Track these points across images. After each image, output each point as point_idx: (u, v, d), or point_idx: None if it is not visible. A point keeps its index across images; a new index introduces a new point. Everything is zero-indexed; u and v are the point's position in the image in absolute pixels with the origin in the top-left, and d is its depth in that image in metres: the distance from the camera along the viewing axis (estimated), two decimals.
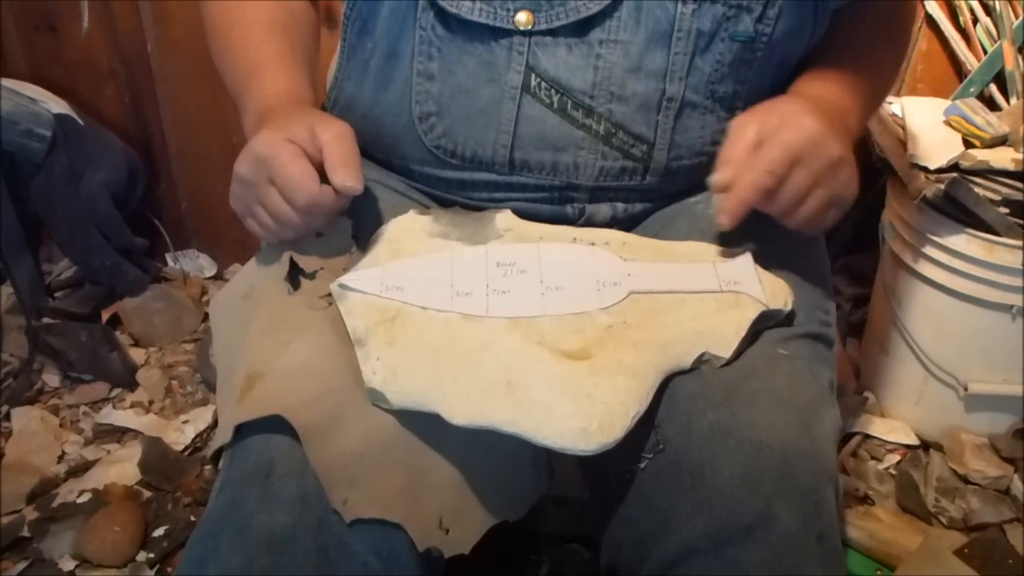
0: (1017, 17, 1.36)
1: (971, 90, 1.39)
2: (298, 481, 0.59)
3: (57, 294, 1.61)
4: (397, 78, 0.76)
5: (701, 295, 0.68)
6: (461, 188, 0.80)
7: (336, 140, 0.67)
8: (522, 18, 0.70)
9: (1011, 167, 1.18)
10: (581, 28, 0.70)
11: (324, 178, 0.66)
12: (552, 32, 0.71)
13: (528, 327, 0.64)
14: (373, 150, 0.83)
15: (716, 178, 0.68)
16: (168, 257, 1.71)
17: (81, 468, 1.28)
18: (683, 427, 0.63)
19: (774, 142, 0.66)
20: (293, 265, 0.71)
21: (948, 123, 1.28)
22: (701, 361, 0.65)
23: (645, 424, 0.63)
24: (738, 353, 0.66)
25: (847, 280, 1.62)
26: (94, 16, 1.50)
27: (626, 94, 0.73)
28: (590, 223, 0.80)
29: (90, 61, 1.58)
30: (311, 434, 0.60)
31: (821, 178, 0.68)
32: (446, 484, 0.64)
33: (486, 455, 0.66)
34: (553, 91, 0.72)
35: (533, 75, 0.72)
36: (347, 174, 0.65)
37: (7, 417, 1.37)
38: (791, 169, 0.66)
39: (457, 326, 0.65)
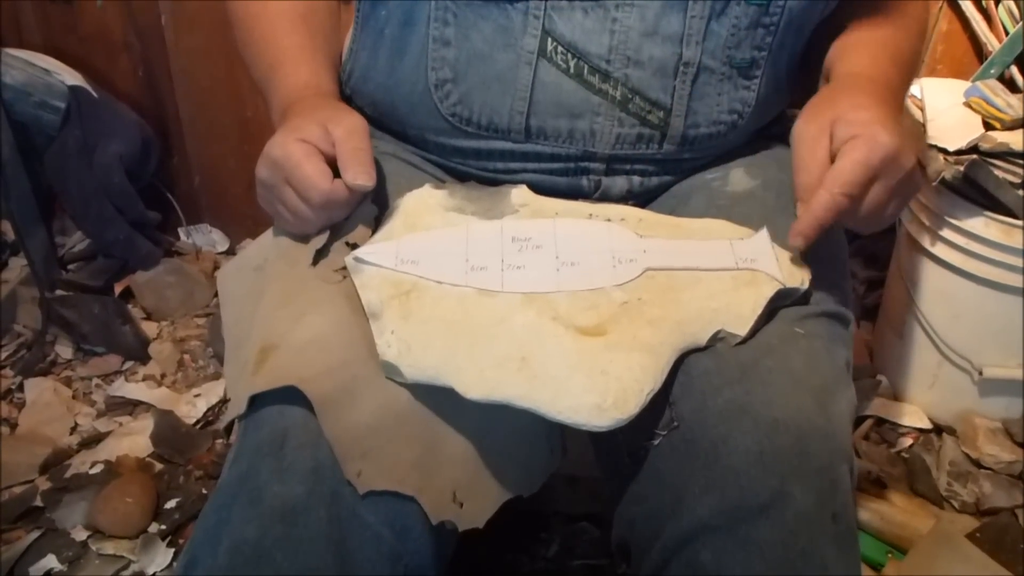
0: None
1: (992, 71, 1.37)
2: (312, 452, 0.59)
3: (70, 266, 1.62)
4: (412, 45, 0.75)
5: (717, 273, 0.68)
6: (477, 157, 0.80)
7: (348, 136, 0.68)
8: None
9: None
10: None
11: (338, 173, 0.67)
12: None
13: (543, 302, 0.64)
14: (388, 121, 0.82)
15: (799, 210, 0.65)
16: (181, 231, 1.71)
17: (94, 440, 1.29)
18: (698, 404, 0.63)
19: (851, 161, 0.63)
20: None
21: (968, 105, 1.27)
22: (717, 339, 0.65)
23: (659, 401, 0.63)
24: (754, 331, 0.65)
25: (862, 263, 1.61)
26: None
27: (642, 58, 0.72)
28: (605, 197, 0.80)
29: (104, 33, 1.58)
30: (326, 406, 0.60)
31: (897, 191, 0.66)
32: (460, 458, 0.64)
33: (500, 430, 0.66)
34: (569, 56, 0.72)
35: (549, 39, 0.71)
36: (357, 172, 0.66)
37: (20, 388, 1.38)
38: (869, 187, 0.65)
39: (472, 301, 0.64)
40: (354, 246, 0.70)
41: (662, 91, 0.74)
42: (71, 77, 1.49)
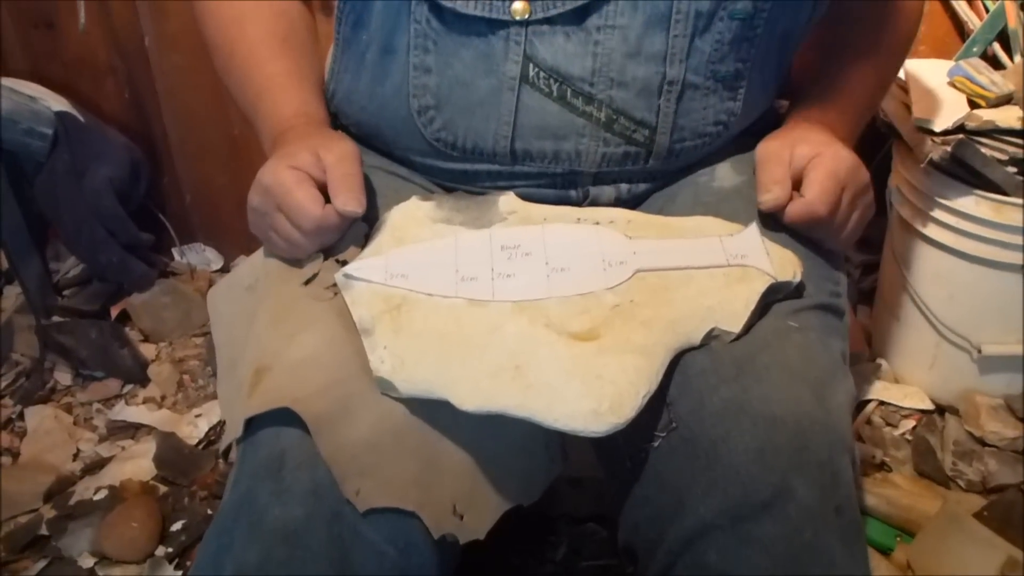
0: None
1: (974, 50, 1.37)
2: (310, 473, 0.59)
3: (65, 292, 1.61)
4: (393, 72, 0.75)
5: (709, 270, 0.67)
6: (464, 179, 0.80)
7: (338, 162, 0.68)
8: (518, 7, 0.69)
9: (1017, 126, 1.16)
10: (578, 15, 0.70)
11: (329, 198, 0.68)
12: (549, 21, 0.70)
13: (535, 310, 0.64)
14: (374, 142, 0.82)
15: (766, 198, 0.71)
16: (174, 251, 1.71)
17: (96, 465, 1.29)
18: (695, 404, 0.63)
19: (821, 172, 0.71)
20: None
21: (952, 84, 1.27)
22: (711, 337, 0.65)
23: (657, 402, 0.62)
24: (748, 327, 0.65)
25: (856, 247, 1.61)
26: (91, 12, 1.49)
27: (626, 79, 0.72)
28: (595, 204, 0.80)
29: (89, 57, 1.58)
30: (321, 425, 0.60)
31: (859, 202, 0.74)
32: (459, 470, 0.64)
33: (498, 439, 0.65)
34: (552, 80, 0.72)
35: (531, 65, 0.71)
36: (347, 198, 0.67)
37: (21, 417, 1.38)
38: (840, 196, 0.72)
39: (463, 312, 0.64)
40: (344, 263, 0.70)
41: (647, 110, 0.74)
42: (57, 103, 1.49)
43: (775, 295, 0.68)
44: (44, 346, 1.47)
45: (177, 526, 1.18)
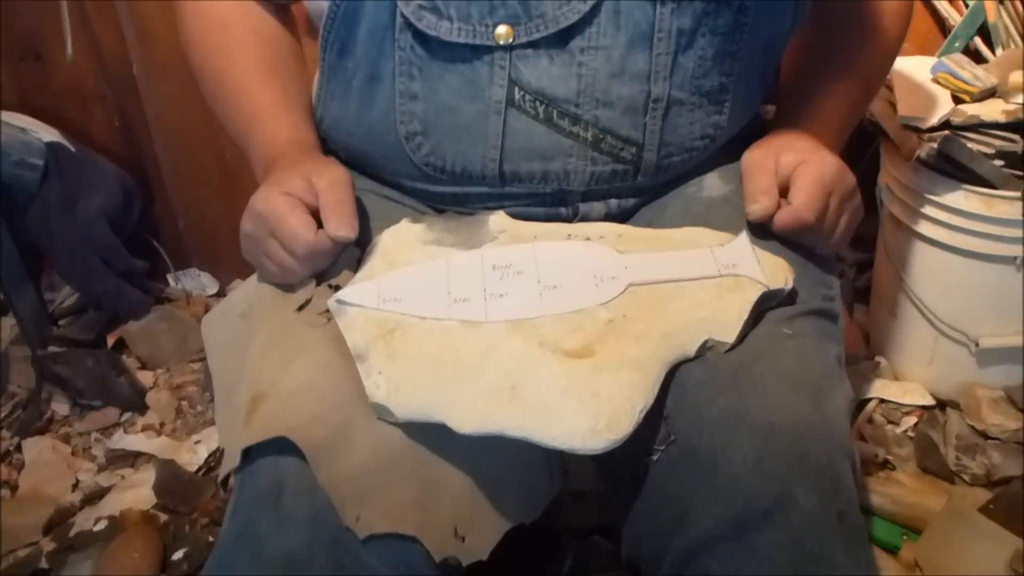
0: None
1: (956, 45, 1.38)
2: (309, 501, 0.59)
3: (61, 322, 1.61)
4: (380, 98, 0.75)
5: (700, 281, 0.67)
6: (454, 201, 0.80)
7: (330, 188, 0.69)
8: (502, 32, 0.69)
9: (1002, 119, 1.17)
10: (561, 38, 0.70)
11: (322, 224, 0.68)
12: (533, 44, 0.70)
13: (529, 329, 0.64)
14: (363, 167, 0.83)
15: (754, 209, 0.72)
16: (169, 277, 1.71)
17: (96, 495, 1.29)
18: (693, 416, 0.63)
19: (808, 178, 0.72)
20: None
21: (936, 80, 1.27)
22: (705, 348, 0.65)
23: (654, 416, 0.62)
24: (742, 337, 0.65)
25: (849, 246, 1.61)
26: (78, 42, 1.49)
27: (611, 99, 0.72)
28: (585, 221, 0.80)
29: (77, 87, 1.58)
30: (318, 453, 0.60)
31: (846, 206, 0.75)
32: (458, 492, 0.63)
33: (497, 459, 0.65)
34: (538, 102, 0.72)
35: (517, 88, 0.71)
36: (340, 223, 0.67)
37: (19, 449, 1.37)
38: (828, 201, 0.72)
39: (457, 333, 0.64)
40: (337, 288, 0.70)
41: (633, 128, 0.74)
42: (47, 134, 1.49)
43: (768, 303, 0.68)
44: (40, 377, 1.46)
45: (178, 555, 1.17)
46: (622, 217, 0.81)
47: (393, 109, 0.75)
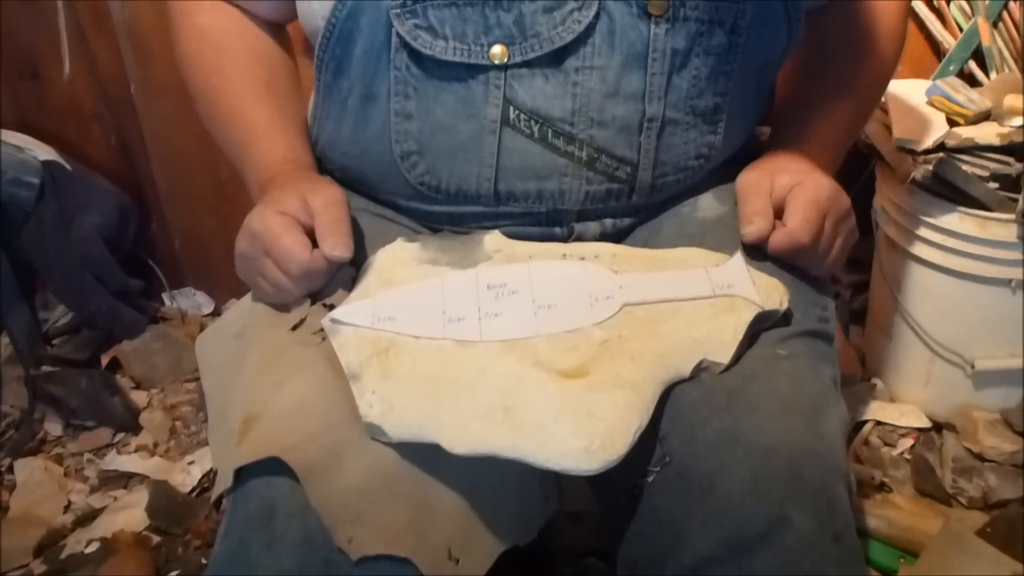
0: None
1: (950, 69, 1.39)
2: (301, 522, 0.59)
3: (55, 341, 1.60)
4: (375, 118, 0.75)
5: (695, 301, 0.67)
6: (449, 220, 0.80)
7: (325, 207, 0.69)
8: (497, 52, 0.69)
9: (996, 142, 1.18)
10: (556, 57, 0.70)
11: (317, 244, 0.68)
12: (528, 64, 0.70)
13: (523, 349, 0.63)
14: (358, 186, 0.83)
15: (749, 230, 0.72)
16: (165, 297, 1.70)
17: (88, 517, 1.27)
18: (688, 437, 0.62)
19: (803, 200, 0.72)
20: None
21: (931, 103, 1.28)
22: (700, 369, 0.64)
23: (649, 437, 0.62)
24: (737, 357, 0.65)
25: (845, 268, 1.62)
26: (75, 61, 1.50)
27: (606, 119, 0.72)
28: (580, 240, 0.80)
29: (74, 106, 1.58)
30: (311, 474, 0.59)
31: (841, 228, 0.75)
32: (453, 513, 0.63)
33: (491, 480, 0.65)
34: (533, 122, 0.72)
35: (511, 107, 0.71)
36: (335, 243, 0.67)
37: (10, 469, 1.36)
38: (822, 223, 0.73)
39: (452, 353, 0.64)
40: (331, 307, 0.70)
41: (628, 148, 0.74)
42: (43, 152, 1.49)
43: (763, 324, 0.68)
44: (33, 397, 1.45)
45: None
46: (617, 237, 0.81)
47: (388, 128, 0.75)
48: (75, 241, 1.48)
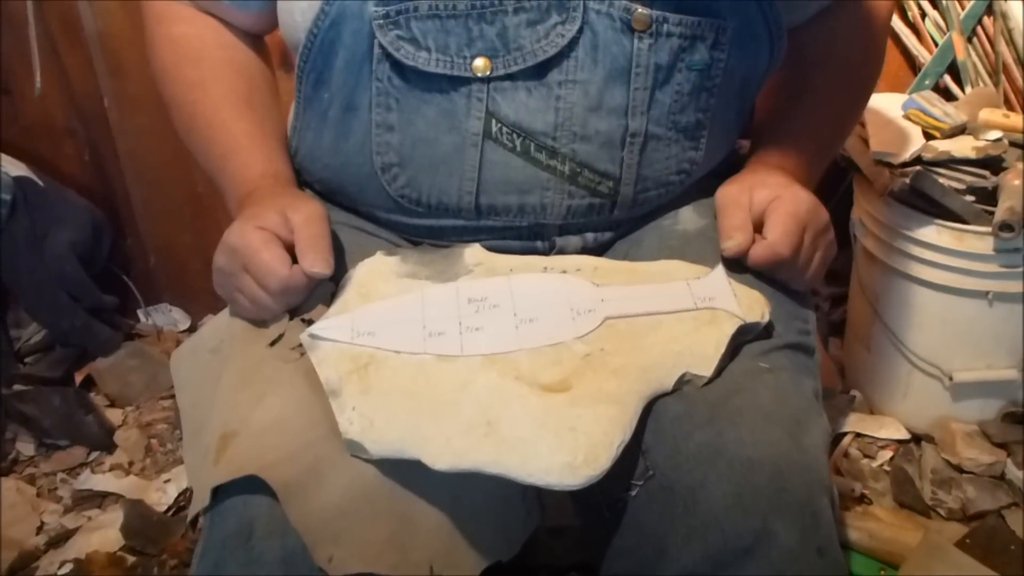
0: (963, 8, 1.38)
1: (926, 83, 1.40)
2: (280, 542, 0.58)
3: (27, 359, 1.58)
4: (356, 129, 0.75)
5: (677, 314, 0.67)
6: (430, 234, 0.80)
7: (305, 223, 0.68)
8: (480, 64, 0.69)
9: (972, 155, 1.19)
10: (539, 71, 0.70)
11: (297, 259, 0.68)
12: (510, 77, 0.70)
13: (505, 363, 0.63)
14: (339, 198, 0.82)
15: (728, 245, 0.71)
16: (140, 313, 1.68)
17: (61, 538, 1.25)
18: (671, 451, 0.62)
19: (783, 213, 0.72)
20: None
21: (907, 117, 1.29)
22: (683, 382, 0.64)
23: (632, 451, 0.62)
24: (719, 370, 0.65)
25: (823, 280, 1.62)
26: (47, 75, 1.48)
27: (589, 133, 0.72)
28: (561, 254, 0.79)
29: (47, 121, 1.56)
30: (290, 492, 0.58)
31: (820, 241, 0.75)
32: (434, 530, 0.62)
33: (473, 496, 0.64)
34: (515, 135, 0.72)
35: (494, 120, 0.71)
36: (315, 259, 0.67)
37: None
38: (802, 237, 0.73)
39: (432, 368, 0.63)
40: (310, 322, 0.69)
41: (610, 162, 0.74)
42: (15, 168, 1.47)
43: (745, 336, 0.68)
44: (5, 416, 1.43)
45: None
46: (598, 251, 0.81)
47: (369, 140, 0.74)
48: (48, 258, 1.46)
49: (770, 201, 0.73)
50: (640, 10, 0.69)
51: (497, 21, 0.68)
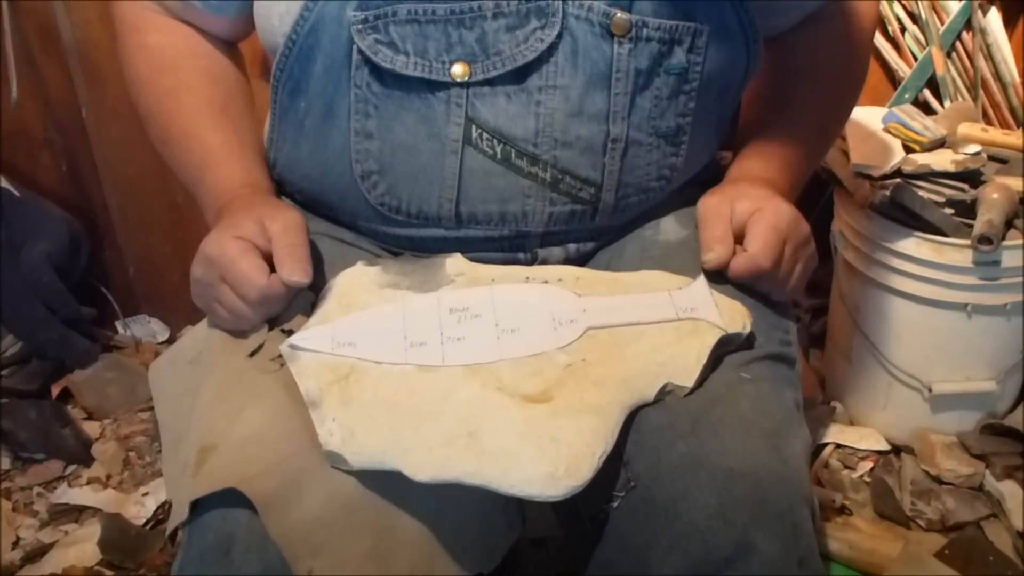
0: (943, 23, 1.39)
1: (906, 96, 1.42)
2: (259, 555, 0.57)
3: (3, 372, 1.55)
4: (334, 138, 0.75)
5: (659, 325, 0.67)
6: (410, 244, 0.79)
7: (283, 232, 0.68)
8: (458, 70, 0.69)
9: (952, 169, 1.20)
10: (519, 76, 0.70)
11: (275, 268, 0.67)
12: (490, 82, 0.70)
13: (486, 373, 0.63)
14: (319, 207, 0.81)
15: (709, 257, 0.71)
16: (118, 324, 1.67)
17: (38, 553, 1.23)
18: (652, 461, 0.62)
19: (763, 226, 0.72)
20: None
21: (887, 130, 1.30)
22: (664, 392, 0.64)
23: (614, 461, 0.62)
24: (701, 381, 0.65)
25: (804, 292, 1.63)
26: (24, 85, 1.47)
27: (570, 139, 0.72)
28: (544, 264, 0.79)
29: (24, 131, 1.55)
30: (269, 505, 0.58)
31: (801, 253, 0.75)
32: (415, 542, 0.62)
33: (454, 508, 0.64)
34: (495, 141, 0.72)
35: (474, 127, 0.71)
36: (293, 268, 0.66)
37: None
38: (783, 249, 0.73)
39: (414, 378, 0.63)
40: (290, 332, 0.68)
41: (592, 168, 0.74)
42: None
43: (726, 347, 0.68)
44: None
45: None
46: (580, 261, 0.81)
47: (348, 148, 0.74)
48: (25, 269, 1.45)
49: (751, 213, 0.73)
50: (619, 15, 0.69)
51: (476, 26, 0.68)
